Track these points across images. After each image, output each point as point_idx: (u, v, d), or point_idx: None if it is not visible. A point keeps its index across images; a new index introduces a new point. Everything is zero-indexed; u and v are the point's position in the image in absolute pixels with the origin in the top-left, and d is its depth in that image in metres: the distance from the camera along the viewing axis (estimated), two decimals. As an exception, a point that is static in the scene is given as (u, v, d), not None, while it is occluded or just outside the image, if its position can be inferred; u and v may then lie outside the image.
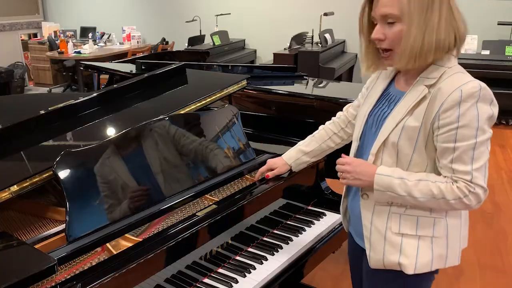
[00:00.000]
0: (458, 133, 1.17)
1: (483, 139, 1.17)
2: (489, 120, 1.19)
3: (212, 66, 3.13)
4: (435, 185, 1.21)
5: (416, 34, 1.17)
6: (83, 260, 1.35)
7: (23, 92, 7.58)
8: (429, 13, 1.17)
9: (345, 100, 2.35)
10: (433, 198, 1.21)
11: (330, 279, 2.70)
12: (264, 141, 2.22)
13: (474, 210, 3.82)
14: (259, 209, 1.78)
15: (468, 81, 1.17)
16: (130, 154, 1.61)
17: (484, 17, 6.01)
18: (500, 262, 2.94)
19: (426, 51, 1.18)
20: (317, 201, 2.08)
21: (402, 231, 1.29)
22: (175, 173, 1.70)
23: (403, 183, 1.23)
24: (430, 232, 1.28)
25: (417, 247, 1.28)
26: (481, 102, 1.16)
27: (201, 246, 1.53)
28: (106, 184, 1.51)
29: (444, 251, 1.29)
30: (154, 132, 1.71)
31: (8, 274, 1.11)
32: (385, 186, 1.25)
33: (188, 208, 1.65)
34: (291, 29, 6.73)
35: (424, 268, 1.28)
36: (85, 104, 1.87)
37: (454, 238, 1.30)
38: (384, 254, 1.31)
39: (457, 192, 1.19)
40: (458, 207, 1.21)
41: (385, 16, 1.20)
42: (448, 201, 1.20)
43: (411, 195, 1.22)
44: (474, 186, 1.18)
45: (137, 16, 8.33)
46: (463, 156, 1.17)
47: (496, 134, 5.60)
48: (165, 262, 1.41)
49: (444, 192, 1.20)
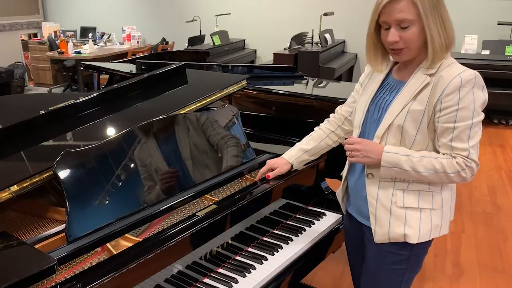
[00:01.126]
0: (457, 115, 1.32)
1: (478, 120, 1.34)
2: (482, 104, 1.35)
3: (212, 66, 3.13)
4: (437, 160, 1.36)
5: (436, 30, 1.32)
6: (83, 260, 1.35)
7: (23, 92, 7.58)
8: (439, 11, 1.32)
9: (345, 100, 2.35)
10: (435, 172, 1.36)
11: (330, 279, 2.70)
12: (264, 141, 2.22)
13: (474, 210, 3.82)
14: (259, 209, 1.78)
15: (465, 69, 1.34)
16: (130, 154, 1.61)
17: (484, 17, 6.01)
18: (500, 262, 2.94)
19: (442, 46, 1.33)
20: (317, 201, 2.08)
21: (407, 204, 1.43)
22: (175, 173, 1.70)
23: (409, 160, 1.37)
24: (429, 205, 1.44)
25: (419, 219, 1.43)
26: (476, 88, 1.32)
27: (201, 246, 1.53)
28: (106, 184, 1.51)
29: (439, 221, 1.46)
30: (154, 132, 1.71)
31: (8, 274, 1.10)
32: (392, 162, 1.39)
33: (188, 208, 1.65)
34: (291, 29, 6.73)
35: (424, 237, 1.44)
36: (85, 104, 1.87)
37: (446, 209, 1.47)
38: (390, 227, 1.45)
39: (456, 166, 1.35)
40: (456, 179, 1.38)
41: (401, 21, 1.32)
42: (448, 174, 1.36)
43: (415, 170, 1.37)
44: (470, 161, 1.35)
45: (137, 16, 8.33)
46: (461, 135, 1.33)
47: (496, 134, 5.61)
48: (165, 262, 1.41)
49: (445, 166, 1.35)
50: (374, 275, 1.55)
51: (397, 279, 1.51)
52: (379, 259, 1.52)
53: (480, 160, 1.38)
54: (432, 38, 1.32)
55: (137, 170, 1.60)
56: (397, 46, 1.36)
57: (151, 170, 1.63)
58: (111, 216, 1.47)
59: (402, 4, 1.30)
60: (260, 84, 2.70)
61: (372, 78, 1.55)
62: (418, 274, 1.58)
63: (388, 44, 1.38)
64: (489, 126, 5.89)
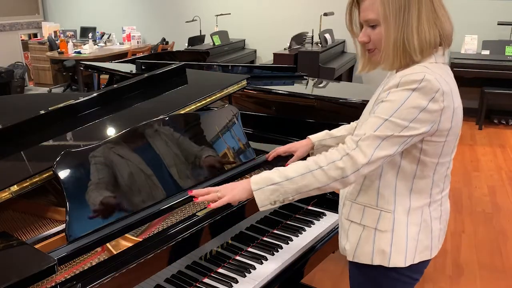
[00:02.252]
0: (379, 106, 1.21)
1: (396, 122, 1.16)
2: (417, 112, 1.16)
3: (212, 66, 3.13)
4: (311, 159, 1.23)
5: (395, 35, 1.21)
6: (83, 260, 1.35)
7: (23, 92, 7.58)
8: (407, 14, 1.19)
9: (345, 100, 2.35)
10: (309, 172, 1.20)
11: (330, 279, 2.70)
12: (264, 141, 2.21)
13: (474, 210, 3.81)
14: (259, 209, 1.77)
15: (416, 72, 1.18)
16: (130, 154, 1.61)
17: (484, 17, 6.01)
18: (500, 262, 2.94)
19: (410, 50, 1.21)
20: (317, 201, 2.08)
21: (350, 218, 1.35)
22: (175, 173, 1.70)
23: (278, 171, 1.25)
24: (373, 224, 1.30)
25: (359, 236, 1.32)
26: (416, 92, 1.16)
27: (201, 246, 1.53)
28: (106, 183, 1.51)
29: (387, 248, 1.28)
30: (154, 132, 1.71)
31: (8, 274, 1.10)
32: (262, 180, 1.26)
33: (188, 208, 1.65)
34: (291, 29, 6.72)
35: (363, 258, 1.32)
36: (85, 104, 1.87)
37: (400, 237, 1.28)
38: (340, 238, 1.42)
39: (334, 156, 1.19)
40: (333, 174, 1.18)
41: (366, 21, 1.27)
42: (322, 168, 1.19)
43: (287, 177, 1.22)
44: (356, 149, 1.17)
45: (137, 16, 8.33)
46: (369, 124, 1.19)
47: (496, 134, 5.61)
48: (165, 262, 1.41)
49: (319, 160, 1.21)
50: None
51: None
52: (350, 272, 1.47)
53: (480, 160, 1.35)
54: (389, 42, 1.22)
55: (137, 170, 1.60)
56: (368, 46, 1.30)
57: (151, 170, 1.63)
58: (111, 216, 1.47)
59: (366, 4, 1.26)
60: (260, 84, 2.70)
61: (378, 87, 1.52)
62: (418, 274, 1.58)
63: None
64: (489, 126, 5.89)
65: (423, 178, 1.27)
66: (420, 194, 1.29)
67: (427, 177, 1.27)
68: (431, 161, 1.25)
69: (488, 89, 5.73)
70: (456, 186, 4.03)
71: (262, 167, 1.95)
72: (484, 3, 6.01)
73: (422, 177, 1.27)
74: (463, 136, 5.53)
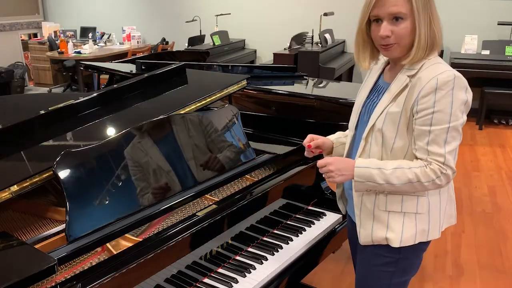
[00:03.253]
0: (433, 118, 1.29)
1: (455, 124, 1.29)
2: (463, 106, 1.30)
3: (212, 66, 3.13)
4: (410, 171, 1.33)
5: (425, 28, 1.30)
6: (83, 260, 1.35)
7: (23, 92, 7.57)
8: (429, 10, 1.31)
9: (345, 100, 2.35)
10: (409, 183, 1.33)
11: (330, 279, 2.70)
12: (264, 141, 2.22)
13: (474, 210, 3.81)
14: (259, 209, 1.78)
15: (444, 70, 1.29)
16: (129, 154, 1.61)
17: (484, 17, 6.01)
18: (500, 262, 2.94)
19: (433, 43, 1.32)
20: (317, 201, 2.08)
21: (389, 208, 1.41)
22: (175, 173, 1.70)
23: (381, 173, 1.35)
24: (413, 209, 1.40)
25: (402, 223, 1.41)
26: (456, 90, 1.28)
27: (201, 246, 1.53)
28: (106, 183, 1.51)
29: (426, 226, 1.42)
30: (154, 132, 1.70)
31: (8, 274, 1.11)
32: (365, 177, 1.37)
33: (188, 208, 1.65)
34: (291, 29, 6.72)
35: (408, 241, 1.41)
36: (85, 104, 1.87)
37: (435, 214, 1.43)
38: (373, 230, 1.44)
39: (431, 175, 1.32)
40: (431, 187, 1.34)
41: (394, 14, 1.30)
42: (422, 183, 1.32)
43: (389, 182, 1.35)
44: (446, 168, 1.31)
45: (137, 16, 8.33)
46: (437, 138, 1.30)
47: (496, 134, 5.61)
48: (165, 262, 1.41)
49: (419, 175, 1.32)
50: (363, 275, 1.56)
51: (384, 282, 1.49)
52: (367, 260, 1.52)
53: (480, 160, 1.38)
54: (420, 36, 1.30)
55: (137, 170, 1.60)
56: (388, 42, 1.33)
57: (151, 170, 1.63)
58: (111, 216, 1.47)
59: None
60: (260, 84, 2.70)
61: (367, 81, 1.55)
62: (418, 274, 1.58)
63: (379, 39, 1.34)
64: (489, 126, 5.89)
65: None
66: None
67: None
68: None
69: (488, 89, 5.73)
70: (456, 186, 4.01)
71: (263, 167, 1.95)
72: (484, 3, 6.00)
73: None
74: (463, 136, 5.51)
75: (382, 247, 1.45)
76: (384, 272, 1.48)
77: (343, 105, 2.38)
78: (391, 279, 1.48)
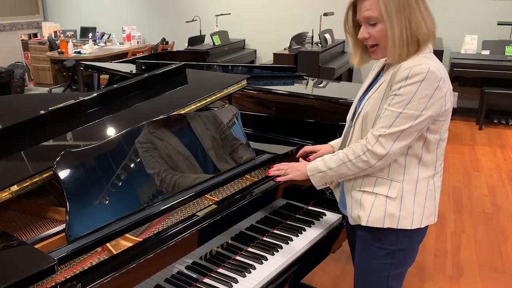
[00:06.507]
0: (393, 99, 1.37)
1: (409, 113, 1.34)
2: (426, 100, 1.33)
3: (212, 66, 3.13)
4: (342, 152, 1.47)
5: (400, 30, 1.35)
6: (83, 260, 1.35)
7: (23, 92, 7.58)
8: (407, 10, 1.34)
9: (345, 100, 2.35)
10: (343, 164, 1.46)
11: (330, 279, 2.70)
12: (264, 141, 2.22)
13: (474, 210, 3.81)
14: (259, 209, 1.78)
15: (421, 64, 1.34)
16: (130, 154, 1.61)
17: (484, 17, 6.01)
18: (500, 262, 2.94)
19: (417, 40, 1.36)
20: (317, 201, 2.08)
21: (363, 188, 1.49)
22: (174, 173, 1.70)
23: (323, 161, 1.51)
24: (385, 192, 1.46)
25: (372, 203, 1.47)
26: (424, 83, 1.32)
27: (201, 246, 1.53)
28: (106, 184, 1.51)
29: (396, 212, 1.45)
30: (154, 132, 1.71)
31: (8, 274, 1.11)
32: (313, 169, 1.54)
33: (188, 208, 1.65)
34: (291, 29, 6.72)
35: (376, 222, 1.47)
36: (85, 104, 1.87)
37: (408, 202, 1.46)
38: (352, 209, 1.54)
39: (357, 151, 1.42)
40: (362, 165, 1.43)
41: (367, 19, 1.39)
42: (352, 161, 1.44)
43: (329, 167, 1.49)
44: (372, 144, 1.39)
45: (137, 16, 8.33)
46: (386, 118, 1.38)
47: (496, 134, 5.61)
48: (165, 262, 1.41)
49: (347, 154, 1.45)
50: (362, 269, 1.59)
51: (383, 274, 1.54)
52: (365, 253, 1.57)
53: (480, 160, 1.38)
54: (394, 37, 1.35)
55: (137, 170, 1.60)
56: (368, 43, 1.43)
57: (150, 170, 1.63)
58: (111, 216, 1.47)
59: (368, 2, 1.37)
60: (260, 84, 2.70)
61: (368, 77, 1.62)
62: (418, 274, 1.59)
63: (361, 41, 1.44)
64: (489, 126, 5.89)
65: (429, 152, 1.45)
66: (426, 166, 1.46)
67: (432, 151, 1.45)
68: (435, 138, 1.43)
69: (488, 89, 5.73)
70: (456, 186, 4.03)
71: (263, 167, 1.95)
72: (484, 3, 6.00)
73: (428, 152, 1.44)
74: (463, 136, 5.53)
75: (378, 240, 1.50)
76: (382, 265, 1.52)
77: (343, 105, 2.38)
78: (389, 271, 1.53)
